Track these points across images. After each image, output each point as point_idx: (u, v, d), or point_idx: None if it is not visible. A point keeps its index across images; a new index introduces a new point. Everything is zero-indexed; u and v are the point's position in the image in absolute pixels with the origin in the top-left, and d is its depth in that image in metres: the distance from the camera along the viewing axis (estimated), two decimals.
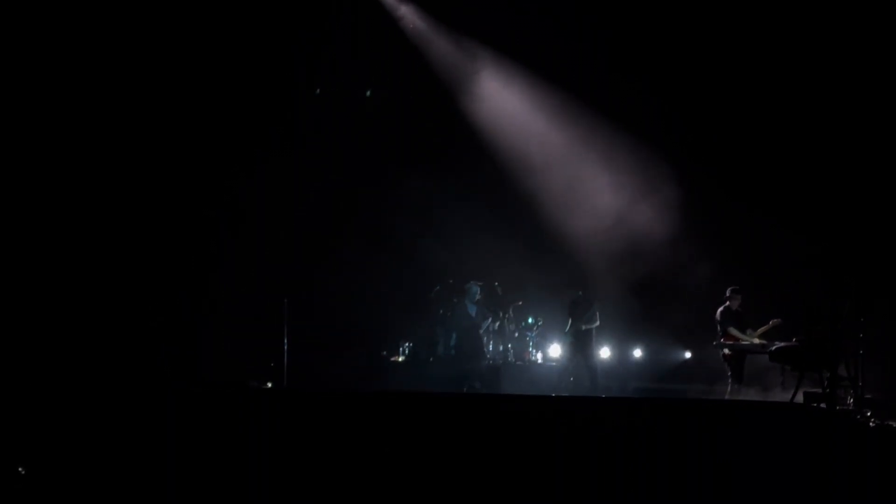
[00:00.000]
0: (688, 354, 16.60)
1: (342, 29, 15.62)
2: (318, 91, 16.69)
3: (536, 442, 8.73)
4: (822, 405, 10.83)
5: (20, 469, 8.83)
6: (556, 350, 15.93)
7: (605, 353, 16.10)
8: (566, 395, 13.88)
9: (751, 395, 12.95)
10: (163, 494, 8.42)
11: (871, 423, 10.23)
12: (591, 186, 16.00)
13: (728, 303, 13.59)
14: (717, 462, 8.40)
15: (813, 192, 14.98)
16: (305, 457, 8.71)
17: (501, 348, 16.16)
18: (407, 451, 8.74)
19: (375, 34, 15.90)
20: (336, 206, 16.46)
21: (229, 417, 8.99)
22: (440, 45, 16.33)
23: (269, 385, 13.53)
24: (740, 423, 8.88)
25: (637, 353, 16.86)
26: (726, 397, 13.09)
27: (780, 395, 12.23)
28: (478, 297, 15.00)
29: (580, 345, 14.55)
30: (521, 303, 16.54)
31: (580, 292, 14.73)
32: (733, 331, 13.38)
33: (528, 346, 16.81)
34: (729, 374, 13.34)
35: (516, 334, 16.29)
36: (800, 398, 11.30)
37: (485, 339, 15.60)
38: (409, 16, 16.10)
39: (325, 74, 16.22)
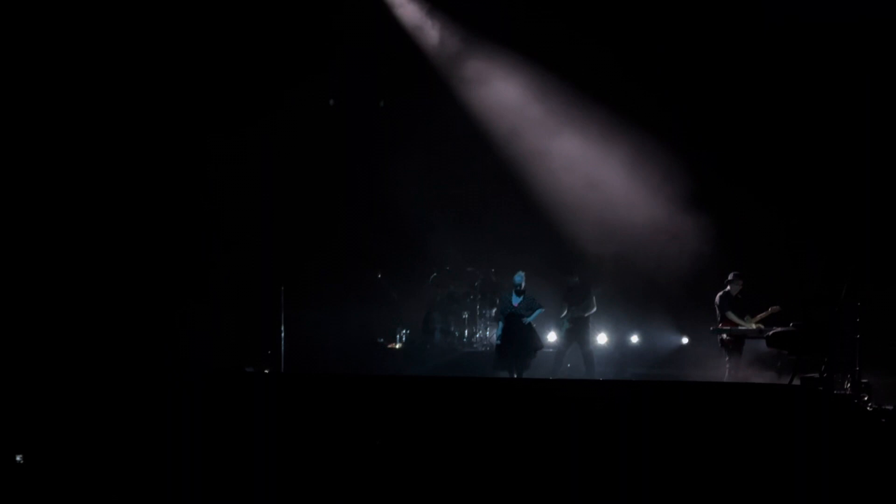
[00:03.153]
0: (685, 340, 16.61)
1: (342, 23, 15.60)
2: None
3: (536, 425, 8.78)
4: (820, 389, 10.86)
5: (18, 458, 8.82)
6: (553, 336, 15.94)
7: (602, 339, 16.11)
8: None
9: (748, 380, 12.94)
10: (164, 485, 8.42)
11: (868, 408, 10.27)
12: (589, 172, 15.97)
13: (728, 287, 13.56)
14: (714, 444, 8.43)
15: (811, 177, 15.01)
16: (310, 443, 8.73)
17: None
18: (410, 433, 8.78)
19: (372, 25, 15.84)
20: (333, 192, 16.42)
21: (232, 407, 8.96)
22: (432, 30, 16.26)
23: (267, 372, 13.53)
24: (737, 406, 8.89)
25: (634, 338, 16.86)
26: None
27: (778, 381, 12.24)
28: (522, 286, 14.35)
29: (577, 331, 14.55)
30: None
31: (577, 278, 14.73)
32: (731, 316, 13.36)
33: None
34: (727, 359, 13.34)
35: None
36: (797, 383, 11.30)
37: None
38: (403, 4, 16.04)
39: (327, 69, 16.14)
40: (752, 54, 15.15)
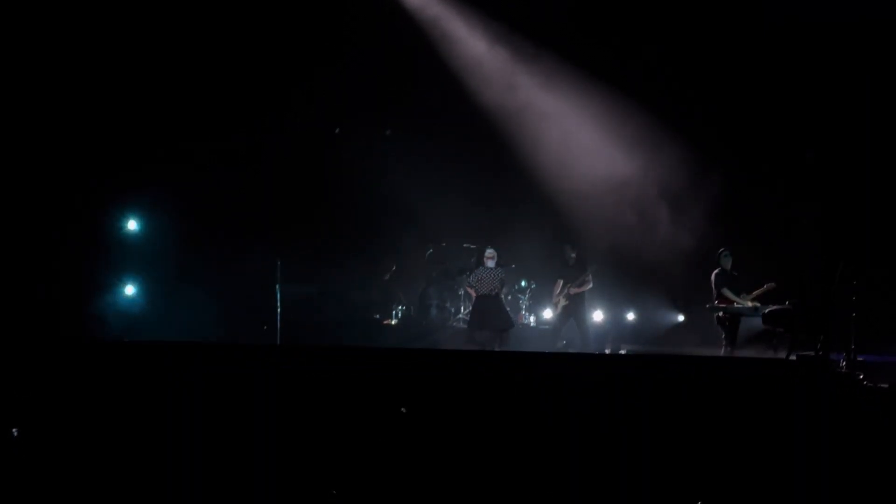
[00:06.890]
0: (681, 317, 16.64)
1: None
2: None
3: (534, 398, 8.81)
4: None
5: (14, 430, 8.79)
6: (549, 313, 15.93)
7: (597, 315, 16.09)
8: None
9: None
10: (164, 483, 8.42)
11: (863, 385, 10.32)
12: (586, 147, 15.93)
13: (721, 265, 13.59)
14: (713, 417, 8.47)
15: (808, 155, 15.00)
16: (312, 427, 8.75)
17: None
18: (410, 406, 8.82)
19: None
20: (328, 168, 16.36)
21: (232, 403, 8.94)
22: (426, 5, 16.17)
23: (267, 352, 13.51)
24: (738, 380, 8.94)
25: (630, 315, 16.87)
26: None
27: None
28: (485, 260, 14.23)
29: (572, 307, 14.53)
30: (513, 266, 16.50)
31: (573, 254, 14.69)
32: (727, 293, 13.39)
33: (521, 310, 16.83)
34: (723, 336, 13.38)
35: (509, 297, 16.26)
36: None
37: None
38: None
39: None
40: (752, 54, 15.11)
